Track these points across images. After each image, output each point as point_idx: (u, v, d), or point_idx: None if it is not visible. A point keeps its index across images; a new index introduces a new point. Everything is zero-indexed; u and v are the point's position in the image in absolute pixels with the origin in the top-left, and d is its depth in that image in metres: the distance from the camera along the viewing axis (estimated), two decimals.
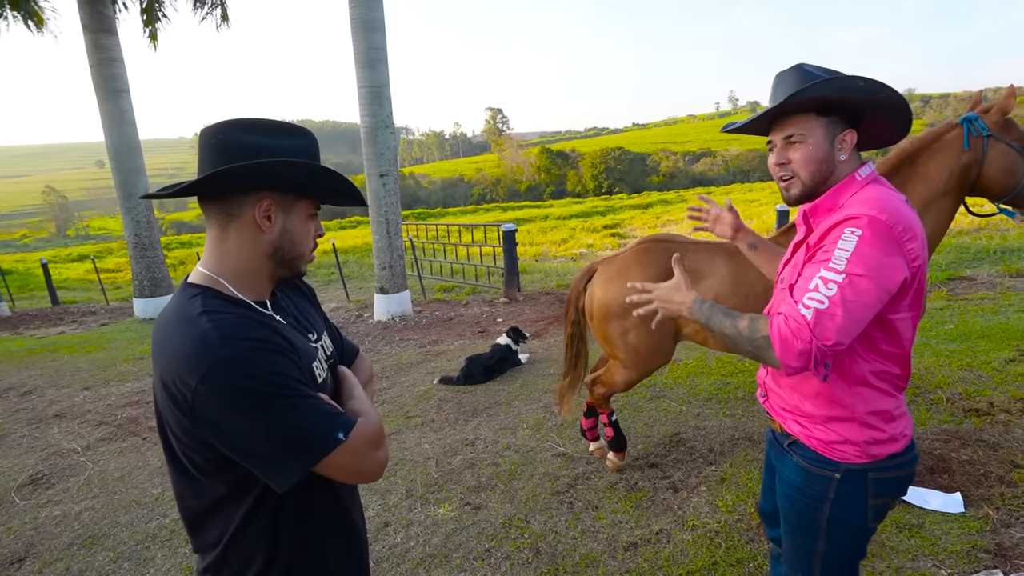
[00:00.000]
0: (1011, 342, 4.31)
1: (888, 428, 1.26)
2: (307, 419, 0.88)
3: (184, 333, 0.88)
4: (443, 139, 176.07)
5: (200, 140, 0.95)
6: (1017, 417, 3.16)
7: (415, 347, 6.27)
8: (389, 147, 7.33)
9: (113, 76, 8.57)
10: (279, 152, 0.95)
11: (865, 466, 1.26)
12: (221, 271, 0.97)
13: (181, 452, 0.92)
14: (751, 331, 1.16)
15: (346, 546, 1.09)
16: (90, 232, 74.83)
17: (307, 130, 1.01)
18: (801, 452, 1.33)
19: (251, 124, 0.95)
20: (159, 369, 0.90)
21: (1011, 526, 2.33)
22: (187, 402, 0.85)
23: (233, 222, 0.96)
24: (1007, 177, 2.31)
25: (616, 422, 3.04)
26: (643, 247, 2.80)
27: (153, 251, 9.14)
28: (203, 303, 0.91)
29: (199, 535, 0.99)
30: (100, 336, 8.25)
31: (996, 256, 7.84)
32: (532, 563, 2.44)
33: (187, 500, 0.97)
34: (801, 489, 1.34)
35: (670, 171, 66.51)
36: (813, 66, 1.22)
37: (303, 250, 1.03)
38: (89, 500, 3.37)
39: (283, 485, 0.88)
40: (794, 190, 1.27)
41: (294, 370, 0.91)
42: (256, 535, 0.96)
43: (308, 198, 1.02)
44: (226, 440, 0.87)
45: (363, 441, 0.93)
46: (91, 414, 4.86)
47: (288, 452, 0.87)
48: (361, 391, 1.09)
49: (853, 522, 1.32)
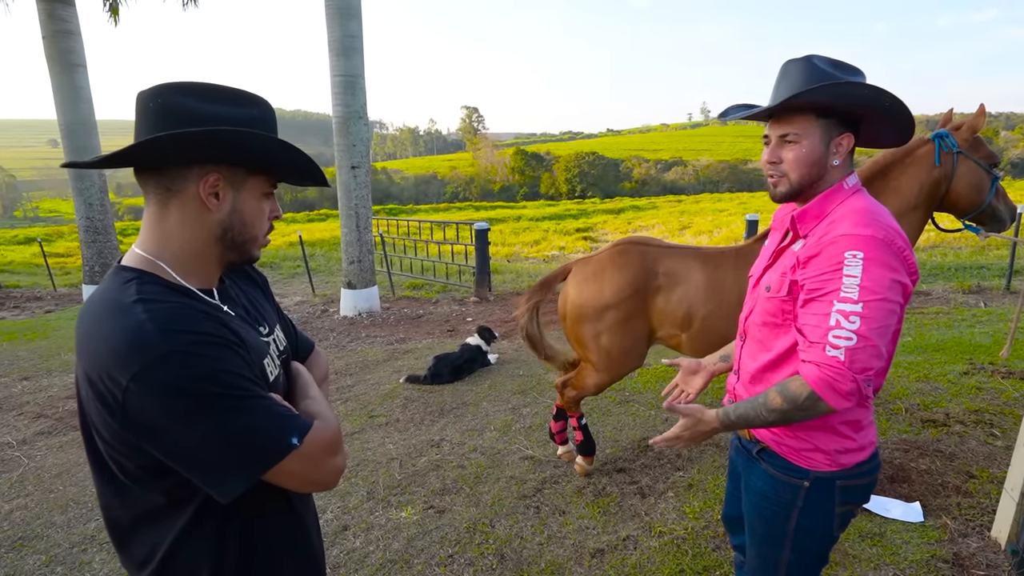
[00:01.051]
0: (964, 355, 4.47)
1: (858, 437, 1.26)
2: (257, 422, 0.78)
3: (115, 323, 0.76)
4: (417, 135, 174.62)
5: (136, 104, 0.83)
6: (971, 428, 3.25)
7: (382, 344, 6.13)
8: (362, 139, 7.15)
9: (68, 49, 8.12)
10: (228, 121, 0.83)
11: (833, 474, 1.25)
12: (160, 253, 0.86)
13: (109, 457, 0.81)
14: (791, 400, 1.14)
15: (299, 558, 0.99)
16: (39, 214, 71.28)
17: (261, 98, 0.90)
18: (770, 459, 1.32)
19: (195, 88, 0.84)
20: (84, 363, 0.78)
21: (968, 536, 2.37)
22: (117, 402, 0.74)
23: (174, 198, 0.85)
24: (974, 193, 2.37)
25: (586, 426, 3.00)
26: (619, 249, 2.76)
27: (106, 236, 8.69)
28: (138, 289, 0.80)
29: (129, 550, 0.87)
30: (44, 324, 7.80)
31: (950, 272, 8.17)
32: (496, 569, 2.36)
33: (114, 511, 0.86)
34: (769, 497, 1.33)
35: (642, 178, 67.52)
36: (822, 59, 1.18)
37: (255, 232, 0.92)
38: (22, 499, 3.14)
39: (228, 496, 0.78)
40: (781, 188, 1.24)
41: (243, 367, 0.81)
42: (198, 549, 0.85)
43: (262, 174, 0.91)
44: (162, 445, 0.76)
45: (318, 447, 0.83)
46: (29, 406, 4.55)
47: (234, 459, 0.77)
48: (317, 390, 0.99)
49: (819, 530, 1.32)
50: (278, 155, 0.89)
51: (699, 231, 16.96)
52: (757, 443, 1.35)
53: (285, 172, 0.95)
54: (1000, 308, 6.07)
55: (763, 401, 1.19)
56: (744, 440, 1.42)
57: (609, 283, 2.66)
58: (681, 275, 2.63)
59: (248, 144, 0.84)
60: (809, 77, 1.15)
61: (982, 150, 2.38)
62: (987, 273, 8.04)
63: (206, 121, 0.82)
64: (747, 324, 1.40)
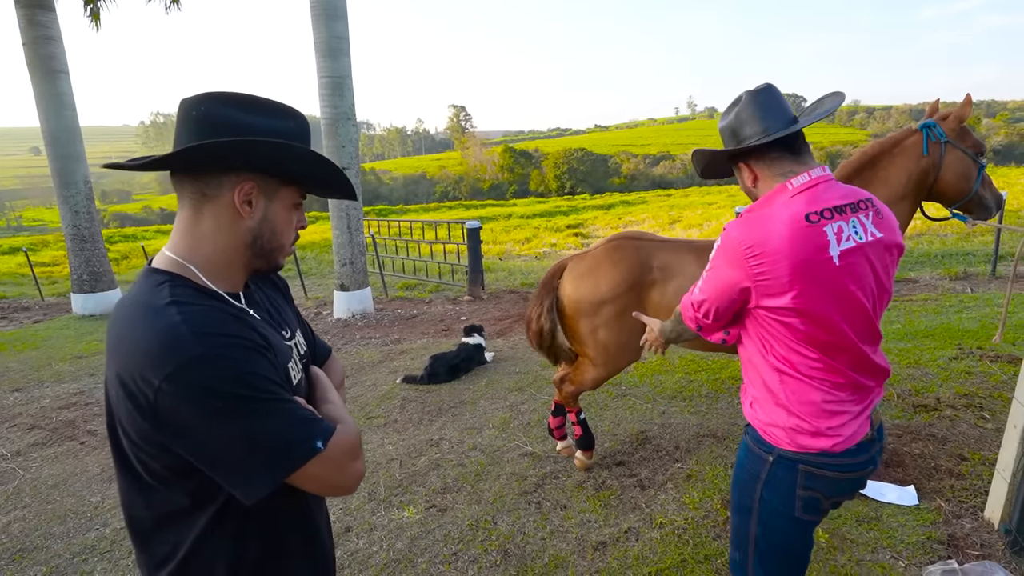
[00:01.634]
0: (953, 341, 4.54)
1: (813, 421, 1.29)
2: (283, 425, 0.79)
3: (149, 325, 0.78)
4: (405, 135, 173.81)
5: (179, 111, 0.86)
6: (962, 412, 3.31)
7: (377, 345, 6.12)
8: (351, 140, 7.13)
9: (50, 56, 8.00)
10: (266, 132, 0.86)
11: (795, 456, 1.32)
12: (192, 257, 0.87)
13: (136, 457, 0.82)
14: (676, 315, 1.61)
15: (312, 559, 1.01)
16: (23, 223, 70.24)
17: (299, 112, 0.93)
18: (750, 433, 1.44)
19: (237, 99, 0.86)
20: (116, 364, 0.79)
21: (962, 517, 2.42)
22: (148, 403, 0.75)
23: (208, 204, 0.87)
24: (961, 182, 2.40)
25: (584, 420, 3.02)
26: (613, 244, 2.78)
27: (94, 243, 8.59)
28: (171, 292, 0.82)
29: (149, 549, 0.88)
30: (34, 334, 7.71)
31: (937, 260, 8.28)
32: (500, 565, 2.38)
33: (137, 510, 0.87)
34: (744, 466, 1.44)
35: (631, 173, 67.68)
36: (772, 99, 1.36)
37: (283, 241, 0.95)
38: (19, 510, 3.11)
39: (253, 497, 0.79)
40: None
41: (271, 370, 0.83)
42: (217, 549, 0.87)
43: (294, 185, 0.93)
44: (191, 446, 0.77)
45: (341, 451, 0.85)
46: (22, 417, 4.51)
47: (261, 462, 0.78)
48: (336, 395, 1.01)
49: (780, 509, 1.37)
50: (312, 168, 0.91)
51: (689, 224, 17.06)
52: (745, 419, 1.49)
53: (316, 184, 0.97)
54: (987, 293, 6.17)
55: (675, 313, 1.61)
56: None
57: (605, 278, 2.68)
58: (676, 268, 2.65)
59: (285, 155, 0.87)
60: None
61: (969, 139, 2.41)
62: (973, 259, 8.16)
63: (246, 131, 0.85)
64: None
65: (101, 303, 8.61)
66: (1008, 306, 2.23)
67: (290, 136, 0.89)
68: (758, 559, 1.45)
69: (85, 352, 6.46)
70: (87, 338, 7.17)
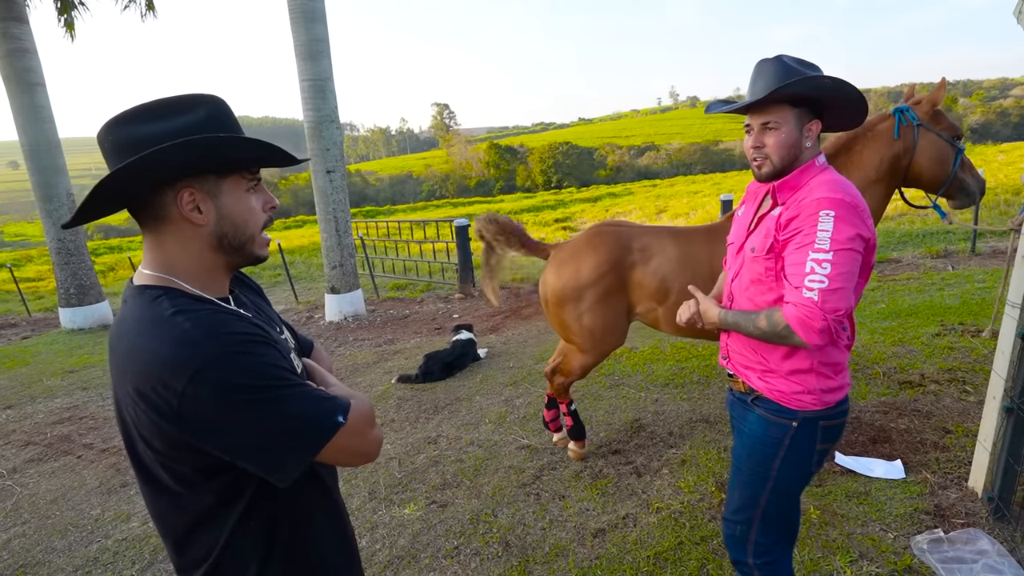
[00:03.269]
0: (936, 318, 4.64)
1: (837, 378, 1.44)
2: (305, 407, 0.83)
3: (161, 336, 0.80)
4: (389, 135, 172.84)
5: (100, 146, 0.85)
6: (946, 387, 3.40)
7: (370, 347, 6.13)
8: (335, 142, 7.11)
9: (26, 68, 7.89)
10: (170, 135, 0.82)
11: (817, 414, 1.43)
12: (173, 272, 0.88)
13: (162, 466, 0.85)
14: (772, 325, 1.34)
15: (338, 532, 1.07)
16: (5, 239, 69.00)
17: (205, 98, 0.88)
18: (764, 405, 1.49)
19: (134, 113, 0.83)
20: (132, 379, 0.81)
21: (947, 488, 2.50)
22: (172, 409, 0.78)
23: (164, 224, 0.87)
24: (937, 166, 2.45)
25: (575, 411, 3.07)
26: (594, 231, 2.84)
27: (79, 257, 8.51)
28: (171, 303, 0.83)
29: (185, 553, 0.91)
30: (23, 350, 7.63)
31: (918, 239, 8.41)
32: (502, 557, 2.42)
33: (168, 518, 0.90)
34: (760, 438, 1.49)
35: (617, 165, 67.85)
36: (791, 58, 1.38)
37: (251, 230, 0.92)
38: (19, 527, 3.11)
39: (288, 479, 0.83)
40: (765, 169, 1.43)
41: (281, 360, 0.86)
42: (251, 539, 0.91)
43: (233, 173, 0.89)
44: (221, 441, 0.80)
45: (360, 420, 0.90)
46: (16, 434, 4.48)
47: (290, 443, 0.82)
48: (334, 379, 1.06)
49: (800, 467, 1.49)
50: (233, 150, 0.86)
51: (676, 214, 17.15)
52: (752, 392, 1.52)
53: (252, 162, 0.91)
54: (967, 270, 6.29)
55: (754, 318, 1.40)
56: (738, 392, 1.60)
57: (586, 263, 2.72)
58: (656, 249, 2.70)
59: (196, 151, 0.82)
60: (783, 74, 1.34)
61: (943, 122, 2.46)
62: (953, 237, 8.30)
63: (149, 143, 0.81)
64: (733, 286, 1.57)
65: (90, 316, 8.53)
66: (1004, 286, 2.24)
67: (201, 128, 0.84)
68: (762, 528, 1.53)
69: (76, 366, 6.41)
70: (77, 352, 7.12)
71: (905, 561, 2.11)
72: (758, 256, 1.44)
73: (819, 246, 1.28)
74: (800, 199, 1.37)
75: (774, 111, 1.38)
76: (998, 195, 10.87)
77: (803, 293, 1.27)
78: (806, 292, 1.27)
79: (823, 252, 1.27)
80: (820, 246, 1.27)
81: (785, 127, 1.38)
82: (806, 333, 1.27)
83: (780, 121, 1.38)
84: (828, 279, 1.26)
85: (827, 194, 1.31)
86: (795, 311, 1.28)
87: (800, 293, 1.28)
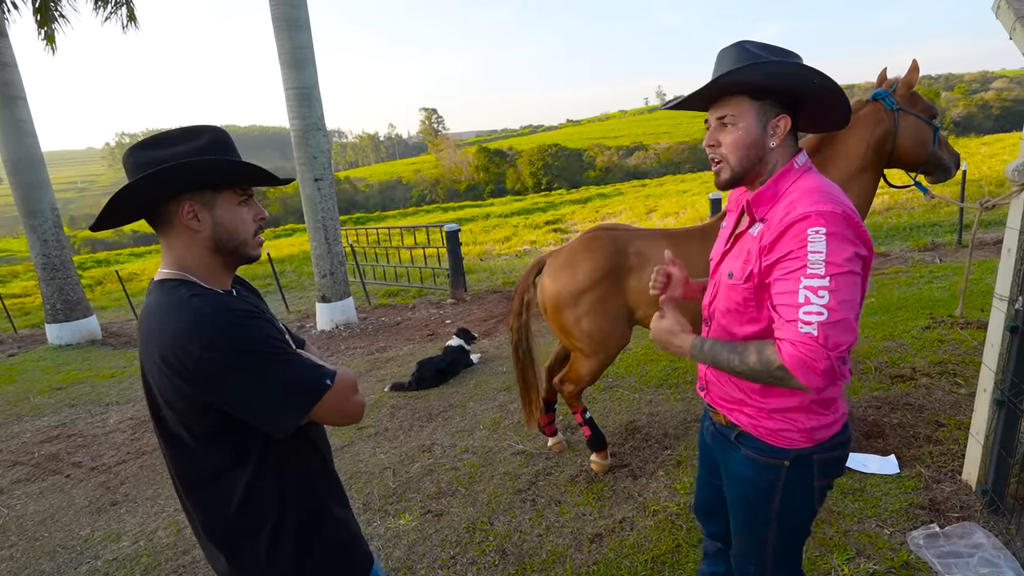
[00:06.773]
0: (925, 311, 4.67)
1: (830, 413, 1.27)
2: (300, 370, 1.01)
3: (180, 313, 0.98)
4: (378, 141, 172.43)
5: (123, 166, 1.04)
6: (937, 380, 3.42)
7: (363, 355, 6.09)
8: (322, 150, 7.07)
9: (6, 82, 7.79)
10: (177, 159, 1.00)
11: (811, 449, 1.27)
12: (184, 269, 1.06)
13: (182, 424, 1.01)
14: (764, 364, 1.12)
15: (328, 475, 1.22)
16: None
17: (210, 127, 1.07)
18: (749, 443, 1.32)
19: (152, 140, 1.03)
20: (156, 350, 0.98)
21: (941, 481, 2.50)
22: (189, 369, 0.94)
23: (171, 230, 1.06)
24: (918, 146, 2.48)
25: (591, 419, 2.97)
26: (589, 235, 2.83)
27: (65, 271, 8.39)
28: (188, 290, 1.02)
29: (204, 505, 1.07)
30: (9, 368, 7.51)
31: (906, 232, 8.50)
32: (499, 565, 2.40)
33: (187, 471, 1.06)
34: (751, 481, 1.33)
35: (606, 165, 68.05)
36: (754, 43, 1.18)
37: (243, 236, 1.10)
38: (6, 550, 3.05)
39: (285, 431, 1.00)
40: (724, 175, 1.25)
41: (280, 334, 1.05)
42: (268, 486, 1.06)
43: (226, 189, 1.07)
44: (230, 396, 0.97)
45: (345, 385, 1.06)
46: (2, 455, 4.40)
47: (286, 400, 0.99)
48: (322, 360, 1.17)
49: (802, 507, 1.33)
50: (224, 172, 1.05)
51: (665, 213, 17.23)
52: (734, 428, 1.35)
53: (243, 181, 1.09)
54: (954, 263, 6.35)
55: (740, 351, 1.18)
56: (720, 426, 1.41)
57: (582, 267, 2.71)
58: (651, 254, 2.70)
59: (193, 172, 1.01)
60: (741, 60, 1.15)
61: (920, 103, 2.50)
62: (939, 230, 8.39)
63: (158, 164, 0.99)
64: (711, 310, 1.39)
65: (77, 332, 8.41)
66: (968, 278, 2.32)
67: (203, 152, 1.03)
68: (776, 565, 1.39)
69: (63, 383, 6.32)
70: (64, 368, 7.02)
71: (902, 557, 2.11)
72: (736, 284, 1.25)
73: (812, 271, 1.07)
74: (782, 214, 1.15)
75: (731, 104, 1.19)
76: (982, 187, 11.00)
77: (799, 328, 1.06)
78: (803, 327, 1.06)
79: (817, 278, 1.06)
80: (813, 271, 1.07)
81: (743, 122, 1.19)
82: (807, 376, 1.06)
83: (737, 115, 1.19)
84: (827, 310, 1.05)
85: (813, 207, 1.10)
86: (793, 351, 1.07)
87: (795, 329, 1.07)
